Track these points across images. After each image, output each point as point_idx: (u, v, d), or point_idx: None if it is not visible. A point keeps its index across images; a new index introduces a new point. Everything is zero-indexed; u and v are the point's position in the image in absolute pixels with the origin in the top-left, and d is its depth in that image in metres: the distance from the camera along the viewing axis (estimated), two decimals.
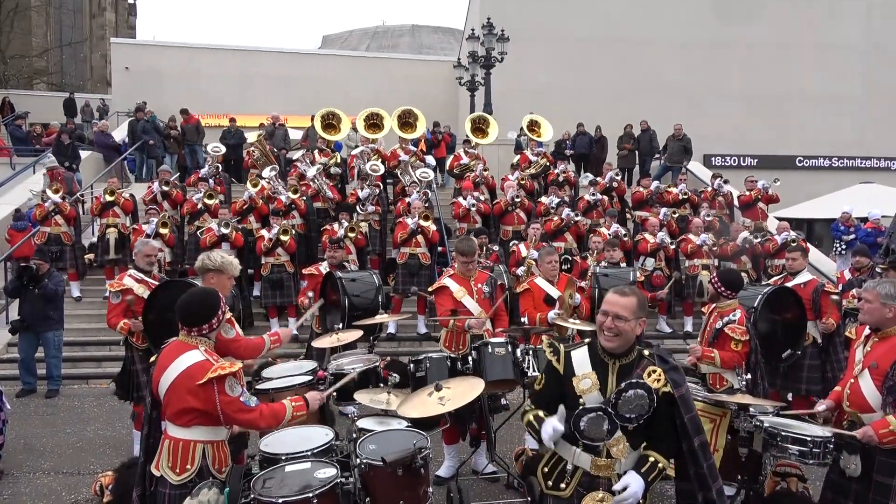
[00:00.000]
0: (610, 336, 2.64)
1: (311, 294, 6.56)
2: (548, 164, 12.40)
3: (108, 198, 9.98)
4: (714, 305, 4.88)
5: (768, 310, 5.38)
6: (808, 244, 10.26)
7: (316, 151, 12.00)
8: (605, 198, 11.12)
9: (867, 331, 3.60)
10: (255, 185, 10.25)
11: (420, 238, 9.12)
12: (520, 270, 8.37)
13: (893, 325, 3.43)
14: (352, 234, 9.14)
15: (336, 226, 9.28)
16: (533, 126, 12.70)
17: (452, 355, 4.54)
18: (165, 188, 10.38)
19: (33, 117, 19.44)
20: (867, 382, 3.40)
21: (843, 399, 3.55)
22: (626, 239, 9.53)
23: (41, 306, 7.57)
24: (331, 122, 12.23)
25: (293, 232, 9.37)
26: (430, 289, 5.50)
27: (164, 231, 9.20)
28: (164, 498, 2.91)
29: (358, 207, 10.16)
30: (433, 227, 9.28)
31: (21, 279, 7.56)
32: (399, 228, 9.24)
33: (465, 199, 10.36)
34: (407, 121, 12.56)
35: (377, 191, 10.58)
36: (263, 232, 9.26)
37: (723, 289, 4.76)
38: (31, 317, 7.59)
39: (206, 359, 2.91)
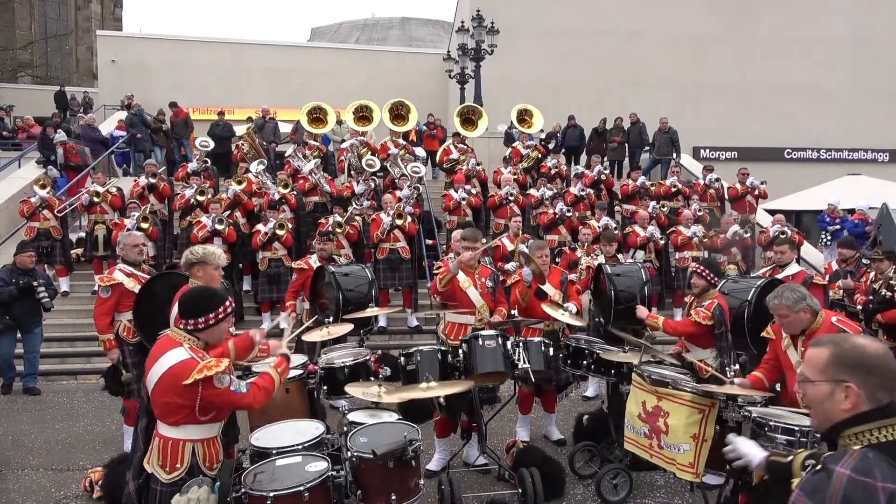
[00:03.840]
0: None
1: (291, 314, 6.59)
2: (539, 155, 12.40)
3: (95, 199, 9.89)
4: (695, 297, 4.93)
5: (758, 302, 5.42)
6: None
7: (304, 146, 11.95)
8: (592, 191, 11.14)
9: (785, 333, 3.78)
10: (239, 182, 10.17)
11: (398, 233, 9.09)
12: (509, 265, 8.36)
13: (813, 322, 3.63)
14: (339, 230, 9.10)
15: (331, 220, 9.24)
16: (524, 116, 12.66)
17: (444, 348, 4.55)
18: (153, 180, 10.29)
19: (18, 111, 19.22)
20: None
21: (798, 402, 3.66)
22: (616, 232, 9.56)
23: (32, 304, 7.43)
24: (318, 116, 12.17)
25: (289, 226, 9.33)
26: (436, 271, 5.47)
27: (145, 225, 9.08)
28: (155, 495, 2.90)
29: (353, 202, 10.13)
30: (408, 221, 9.24)
31: (18, 286, 7.28)
32: (374, 227, 9.17)
33: (456, 191, 10.35)
34: (399, 113, 12.51)
35: (373, 185, 10.54)
36: (259, 226, 9.20)
37: (711, 276, 4.81)
38: (23, 315, 7.42)
39: (191, 357, 2.83)
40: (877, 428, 1.59)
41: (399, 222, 9.06)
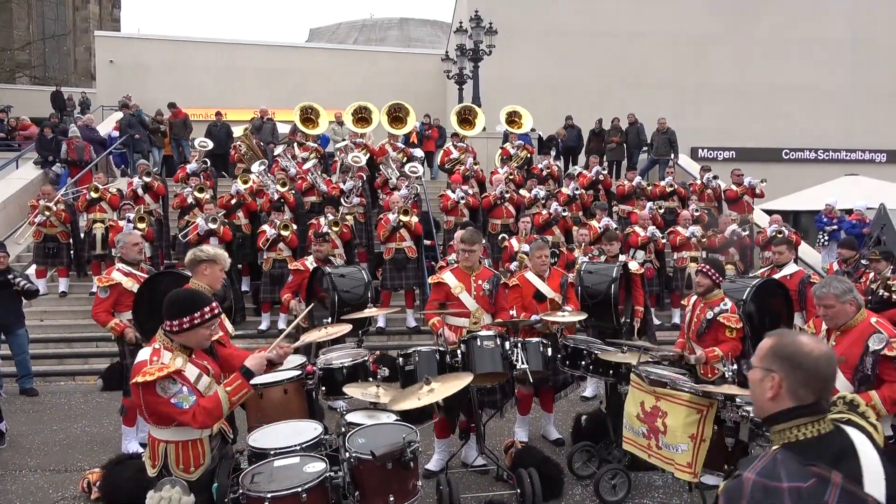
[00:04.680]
0: None
1: (294, 302, 6.50)
2: (528, 155, 12.41)
3: (93, 194, 9.92)
4: (698, 297, 4.91)
5: (756, 302, 5.42)
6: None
7: (295, 145, 11.92)
8: (585, 192, 11.14)
9: (825, 325, 3.74)
10: (245, 182, 10.15)
11: (404, 232, 9.09)
12: (513, 266, 8.37)
13: (853, 317, 3.58)
14: (335, 228, 9.10)
15: (322, 220, 9.24)
16: (513, 117, 12.67)
17: (441, 349, 4.54)
18: (147, 179, 10.28)
19: (16, 111, 19.19)
20: (839, 376, 3.50)
21: None
22: (618, 232, 9.56)
23: (16, 305, 7.20)
24: (309, 117, 12.15)
25: (294, 227, 9.33)
26: (430, 280, 5.46)
27: (141, 225, 9.08)
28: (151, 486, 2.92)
29: (342, 200, 10.11)
30: (415, 220, 9.25)
31: None
32: (380, 226, 9.19)
33: (453, 192, 10.34)
34: (397, 115, 12.46)
35: (360, 183, 10.52)
36: (265, 227, 9.20)
37: (716, 275, 4.80)
38: (5, 316, 7.14)
39: (147, 359, 2.79)
40: (796, 426, 1.66)
41: (405, 219, 9.06)
